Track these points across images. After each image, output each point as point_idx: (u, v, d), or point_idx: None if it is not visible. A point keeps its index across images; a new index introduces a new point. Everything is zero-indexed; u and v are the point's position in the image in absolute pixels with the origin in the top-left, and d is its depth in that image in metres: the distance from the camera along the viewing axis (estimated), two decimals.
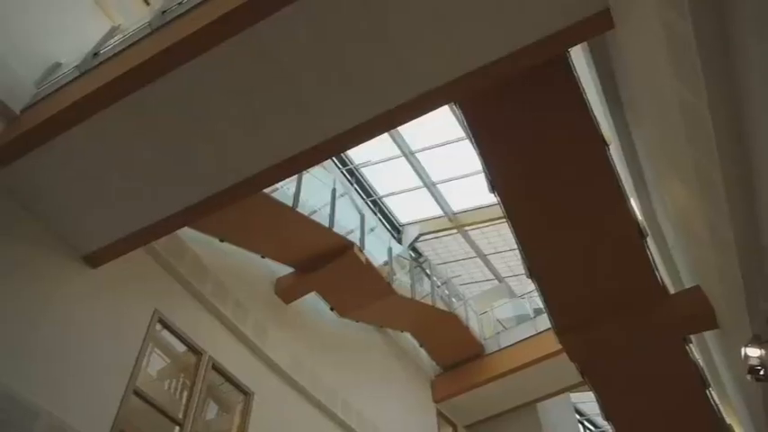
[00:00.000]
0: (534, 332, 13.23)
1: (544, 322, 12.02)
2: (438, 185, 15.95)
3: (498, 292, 17.04)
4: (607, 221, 7.30)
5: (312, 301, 10.80)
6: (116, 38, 6.56)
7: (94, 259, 6.83)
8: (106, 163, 6.20)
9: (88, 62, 6.27)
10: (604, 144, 6.87)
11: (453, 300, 14.16)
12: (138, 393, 6.73)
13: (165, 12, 5.98)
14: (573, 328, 8.26)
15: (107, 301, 6.88)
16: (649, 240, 7.65)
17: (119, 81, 5.60)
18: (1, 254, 5.95)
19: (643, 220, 7.76)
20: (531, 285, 11.26)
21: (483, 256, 17.41)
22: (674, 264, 8.36)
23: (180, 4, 5.93)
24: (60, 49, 7.30)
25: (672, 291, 8.12)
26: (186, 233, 8.23)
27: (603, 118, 7.14)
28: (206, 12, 5.39)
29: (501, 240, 16.48)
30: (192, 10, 5.62)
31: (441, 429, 13.30)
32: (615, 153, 7.29)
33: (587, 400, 17.40)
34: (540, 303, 10.41)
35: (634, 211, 7.47)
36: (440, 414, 13.53)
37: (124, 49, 5.95)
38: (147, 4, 9.72)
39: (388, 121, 6.01)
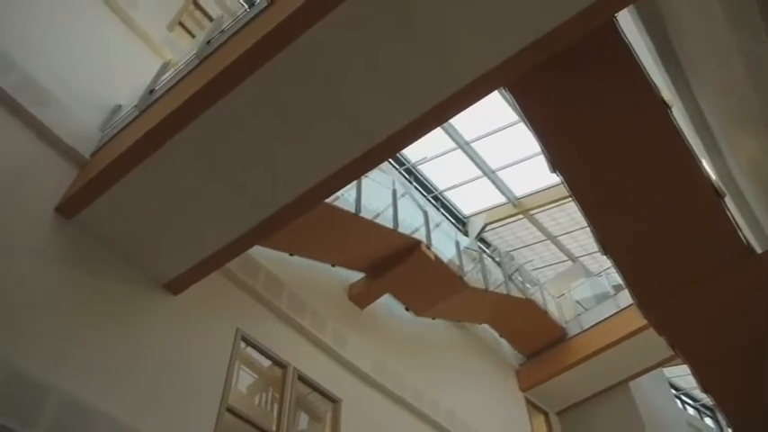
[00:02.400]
0: (617, 309, 12.83)
1: (626, 298, 11.62)
2: (498, 172, 15.76)
3: (573, 273, 16.62)
4: (679, 186, 7.01)
5: (387, 304, 10.86)
6: (168, 73, 6.82)
7: (175, 287, 7.10)
8: (173, 195, 6.43)
9: (145, 100, 6.55)
10: (666, 106, 6.61)
11: (528, 286, 13.92)
12: (231, 411, 6.96)
13: (209, 41, 6.18)
14: (657, 301, 7.97)
15: (192, 325, 7.15)
16: (727, 200, 7.29)
17: (175, 115, 5.79)
18: (93, 292, 6.28)
19: (718, 179, 7.41)
20: (607, 262, 10.94)
21: (553, 239, 17.07)
22: (758, 221, 7.93)
23: (222, 32, 6.11)
24: (118, 91, 7.67)
25: (759, 250, 7.71)
26: (257, 251, 8.45)
27: (661, 80, 6.87)
28: (247, 35, 5.52)
29: (569, 220, 16.11)
30: (234, 35, 5.78)
31: (532, 418, 13.09)
32: (679, 114, 6.99)
33: (683, 374, 16.77)
34: (619, 279, 10.10)
35: (707, 172, 7.14)
36: (529, 403, 13.32)
37: (177, 83, 6.17)
38: (193, 36, 10.10)
39: (437, 115, 5.97)
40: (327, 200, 8.40)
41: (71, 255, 6.34)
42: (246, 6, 10.16)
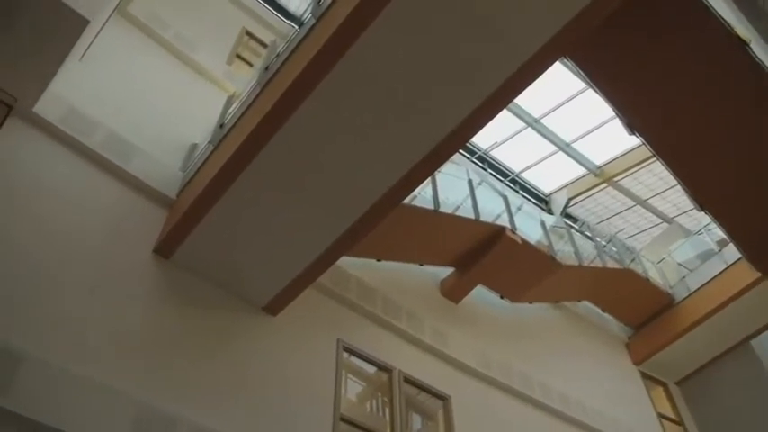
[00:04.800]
0: (724, 266, 12.05)
1: (733, 252, 10.94)
2: (573, 144, 15.29)
3: (671, 235, 15.85)
4: None
5: (480, 295, 10.76)
6: (234, 105, 7.08)
7: (273, 307, 7.33)
8: (258, 219, 6.64)
9: (218, 134, 6.82)
10: (743, 43, 6.20)
11: (624, 256, 13.39)
12: (345, 420, 7.10)
13: (267, 67, 6.37)
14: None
15: (295, 342, 7.37)
16: None
17: (247, 143, 5.98)
18: (200, 324, 6.59)
19: None
20: (706, 218, 10.38)
21: (642, 203, 16.33)
22: None
23: (278, 56, 6.28)
24: (193, 130, 8.06)
25: None
26: (345, 262, 8.57)
27: (734, 18, 6.45)
28: (302, 54, 5.64)
29: (657, 180, 15.37)
30: (290, 57, 5.92)
31: (650, 391, 12.56)
32: (760, 50, 6.54)
33: None
34: (722, 233, 9.55)
35: None
36: (645, 376, 12.78)
37: (244, 112, 6.39)
38: (251, 65, 10.45)
39: (504, 95, 5.86)
40: (405, 201, 8.42)
41: (175, 291, 6.68)
42: (296, 27, 10.41)
